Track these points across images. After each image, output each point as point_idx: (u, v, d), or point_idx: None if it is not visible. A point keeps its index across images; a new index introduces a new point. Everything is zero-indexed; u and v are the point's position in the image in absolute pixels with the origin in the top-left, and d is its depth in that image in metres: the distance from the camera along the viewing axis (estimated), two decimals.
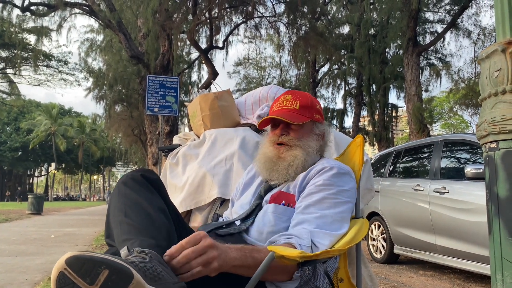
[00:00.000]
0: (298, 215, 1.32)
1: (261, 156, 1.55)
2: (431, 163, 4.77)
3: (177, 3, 11.10)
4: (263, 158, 1.53)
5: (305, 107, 1.52)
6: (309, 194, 1.35)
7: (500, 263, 1.33)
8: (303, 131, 1.52)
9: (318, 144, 1.54)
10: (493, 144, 1.38)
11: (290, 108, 1.52)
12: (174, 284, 0.89)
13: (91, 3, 11.48)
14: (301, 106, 1.52)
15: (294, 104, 1.52)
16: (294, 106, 1.52)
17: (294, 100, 1.53)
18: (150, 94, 7.59)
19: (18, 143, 46.12)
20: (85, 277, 0.78)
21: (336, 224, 1.29)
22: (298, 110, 1.51)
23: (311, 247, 1.20)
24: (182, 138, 2.59)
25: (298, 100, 1.53)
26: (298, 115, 1.50)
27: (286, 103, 1.53)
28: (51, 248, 5.91)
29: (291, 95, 1.56)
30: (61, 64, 25.83)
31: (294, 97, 1.55)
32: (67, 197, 62.44)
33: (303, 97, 1.56)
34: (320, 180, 1.37)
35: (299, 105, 1.52)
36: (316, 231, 1.25)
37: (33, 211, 14.66)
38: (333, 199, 1.32)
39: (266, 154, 1.52)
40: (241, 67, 27.58)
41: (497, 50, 1.37)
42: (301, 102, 1.53)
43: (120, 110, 19.28)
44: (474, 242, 3.82)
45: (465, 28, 14.72)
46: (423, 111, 12.37)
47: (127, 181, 1.21)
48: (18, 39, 16.39)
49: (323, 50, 14.35)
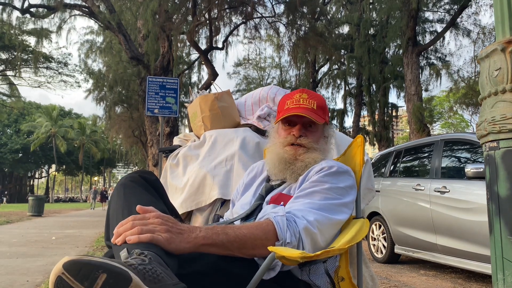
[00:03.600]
0: (287, 205, 1.31)
1: (274, 156, 1.48)
2: (431, 163, 4.76)
3: (177, 4, 11.10)
4: (276, 158, 1.47)
5: (321, 108, 1.48)
6: (301, 190, 1.35)
7: (501, 262, 1.32)
8: (319, 133, 1.49)
9: (328, 147, 1.54)
10: (493, 143, 1.38)
11: (309, 108, 1.46)
12: (174, 285, 0.88)
13: (91, 4, 11.49)
14: (318, 106, 1.47)
15: (312, 103, 1.47)
16: (312, 105, 1.46)
17: (311, 99, 1.48)
18: (150, 95, 7.59)
19: (19, 145, 46.15)
20: (83, 281, 0.78)
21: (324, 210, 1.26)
22: (316, 110, 1.46)
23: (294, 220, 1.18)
24: (182, 139, 2.59)
25: (315, 100, 1.48)
26: (317, 115, 1.45)
27: (304, 102, 1.47)
28: (52, 250, 5.91)
29: (307, 94, 1.50)
30: (61, 66, 25.80)
31: (310, 96, 1.49)
32: (67, 198, 62.43)
33: (318, 97, 1.51)
34: (315, 177, 1.36)
35: (316, 105, 1.47)
36: (299, 208, 1.24)
37: (34, 213, 14.66)
38: (324, 193, 1.30)
39: (281, 155, 1.46)
40: (241, 67, 27.62)
41: (497, 49, 1.37)
42: (318, 103, 1.48)
43: (120, 112, 19.28)
44: (475, 242, 3.82)
45: (464, 28, 14.72)
46: (423, 111, 12.38)
47: (126, 183, 1.22)
48: (18, 41, 16.40)
49: (323, 50, 14.35)
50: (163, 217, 1.04)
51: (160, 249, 0.97)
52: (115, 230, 1.02)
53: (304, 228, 1.18)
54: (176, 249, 1.01)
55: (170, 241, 1.00)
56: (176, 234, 1.02)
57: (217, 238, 1.07)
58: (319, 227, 1.21)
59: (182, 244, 1.02)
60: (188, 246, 1.03)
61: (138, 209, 1.05)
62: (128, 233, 0.98)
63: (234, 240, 1.09)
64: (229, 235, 1.09)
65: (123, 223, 1.01)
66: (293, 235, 1.16)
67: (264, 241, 1.13)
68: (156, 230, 0.99)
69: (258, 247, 1.13)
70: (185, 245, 1.02)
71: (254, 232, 1.13)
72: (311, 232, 1.19)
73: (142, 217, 1.02)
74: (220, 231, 1.09)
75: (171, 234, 1.01)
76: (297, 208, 1.25)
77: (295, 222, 1.19)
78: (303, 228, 1.18)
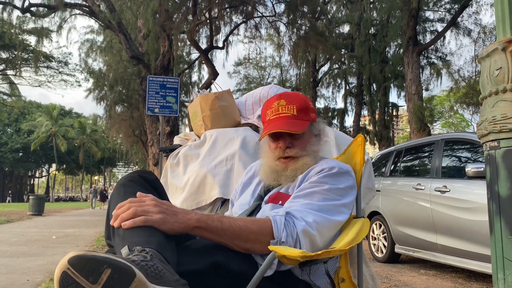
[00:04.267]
0: (285, 204, 1.31)
1: (267, 168, 1.49)
2: (432, 162, 4.76)
3: (177, 4, 11.10)
4: (268, 170, 1.48)
5: (302, 110, 1.45)
6: (301, 190, 1.34)
7: (502, 262, 1.33)
8: (306, 137, 1.47)
9: (319, 145, 1.53)
10: (494, 143, 1.38)
11: (288, 115, 1.44)
12: (176, 281, 0.90)
13: (91, 4, 11.48)
14: (298, 110, 1.44)
15: (291, 109, 1.44)
16: (292, 112, 1.44)
17: (290, 104, 1.45)
18: (150, 95, 7.60)
19: (19, 144, 46.17)
20: (87, 276, 0.79)
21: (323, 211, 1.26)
22: (297, 115, 1.44)
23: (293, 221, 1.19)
24: (182, 139, 2.59)
25: (294, 104, 1.45)
26: (298, 121, 1.43)
27: (282, 110, 1.45)
28: (53, 249, 5.92)
29: (285, 100, 1.47)
30: (62, 65, 25.84)
31: (288, 102, 1.46)
32: (67, 198, 62.45)
33: (297, 99, 1.48)
34: (315, 178, 1.35)
35: (296, 110, 1.44)
36: (298, 209, 1.24)
37: (34, 212, 14.68)
38: (324, 194, 1.30)
39: (273, 168, 1.46)
40: (241, 67, 27.60)
41: (498, 48, 1.37)
42: (297, 106, 1.45)
43: (121, 111, 19.29)
44: (475, 241, 3.82)
45: (465, 27, 14.71)
46: (424, 110, 12.37)
47: (125, 183, 1.23)
48: (19, 40, 16.39)
49: (323, 50, 14.34)
50: (158, 201, 1.09)
51: (160, 247, 0.98)
52: (113, 212, 1.08)
53: (302, 230, 1.18)
54: (170, 229, 1.05)
55: (164, 220, 1.04)
56: (170, 215, 1.07)
57: (211, 223, 1.11)
58: (318, 228, 1.21)
59: (175, 224, 1.06)
60: (181, 226, 1.07)
61: (138, 195, 1.11)
62: (124, 215, 1.03)
63: (227, 229, 1.12)
64: (223, 223, 1.13)
65: (121, 205, 1.07)
66: (289, 235, 1.16)
67: (259, 236, 1.15)
68: (150, 211, 1.04)
69: (251, 241, 1.15)
70: (178, 225, 1.06)
71: (249, 226, 1.16)
72: (310, 233, 1.19)
73: (138, 200, 1.08)
74: (215, 218, 1.13)
75: (165, 215, 1.05)
76: (296, 209, 1.25)
77: (294, 223, 1.19)
78: (302, 230, 1.18)
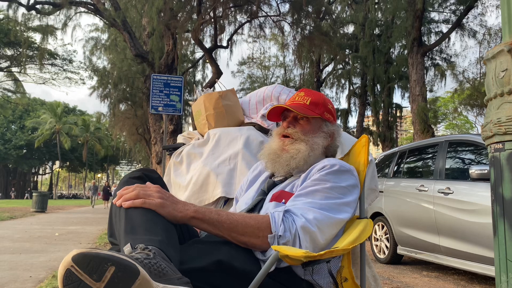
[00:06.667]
0: (288, 203, 1.31)
1: (266, 148, 1.57)
2: (435, 164, 4.75)
3: (182, 2, 11.11)
4: (267, 150, 1.56)
5: (315, 104, 1.54)
6: (303, 188, 1.34)
7: (505, 264, 1.32)
8: (311, 126, 1.52)
9: (325, 143, 1.53)
10: (498, 145, 1.37)
11: (300, 103, 1.54)
12: (179, 279, 0.90)
13: (96, 2, 11.52)
14: (312, 102, 1.54)
15: (306, 100, 1.54)
16: (305, 101, 1.54)
17: (307, 96, 1.56)
18: (154, 93, 7.61)
19: (23, 141, 46.35)
20: (91, 274, 0.79)
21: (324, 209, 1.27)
22: (309, 105, 1.53)
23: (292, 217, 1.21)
24: (186, 137, 2.60)
25: (310, 97, 1.55)
26: (307, 109, 1.51)
27: (298, 99, 1.56)
28: (55, 246, 5.94)
29: (305, 92, 1.59)
30: (66, 62, 25.94)
31: (307, 94, 1.57)
32: (70, 195, 62.64)
33: (315, 95, 1.58)
34: (317, 176, 1.36)
35: (310, 101, 1.54)
36: (299, 207, 1.25)
37: (37, 209, 14.74)
38: (326, 192, 1.30)
39: (271, 146, 1.55)
40: (245, 66, 27.65)
41: (503, 50, 1.36)
42: (313, 99, 1.55)
43: (125, 109, 19.34)
44: (479, 243, 3.81)
45: (470, 28, 14.66)
46: (428, 111, 12.33)
47: (128, 181, 1.25)
48: (24, 38, 16.46)
49: (328, 50, 14.32)
50: (162, 190, 1.17)
51: (162, 245, 0.98)
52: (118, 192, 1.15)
53: (302, 226, 1.19)
54: (168, 214, 1.11)
55: (163, 205, 1.11)
56: (170, 203, 1.14)
57: (209, 215, 1.16)
58: (318, 225, 1.21)
59: (174, 212, 1.12)
60: (179, 215, 1.13)
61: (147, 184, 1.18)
62: (127, 195, 1.11)
63: (224, 221, 1.16)
64: (221, 216, 1.17)
65: (127, 187, 1.15)
66: (287, 230, 1.18)
67: (256, 230, 1.17)
68: (152, 195, 1.12)
69: (248, 235, 1.17)
70: (177, 213, 1.13)
71: (247, 220, 1.19)
72: (310, 230, 1.19)
73: (144, 186, 1.15)
74: (214, 211, 1.18)
75: (165, 201, 1.13)
76: (297, 206, 1.26)
77: (293, 220, 1.20)
78: (301, 226, 1.18)
